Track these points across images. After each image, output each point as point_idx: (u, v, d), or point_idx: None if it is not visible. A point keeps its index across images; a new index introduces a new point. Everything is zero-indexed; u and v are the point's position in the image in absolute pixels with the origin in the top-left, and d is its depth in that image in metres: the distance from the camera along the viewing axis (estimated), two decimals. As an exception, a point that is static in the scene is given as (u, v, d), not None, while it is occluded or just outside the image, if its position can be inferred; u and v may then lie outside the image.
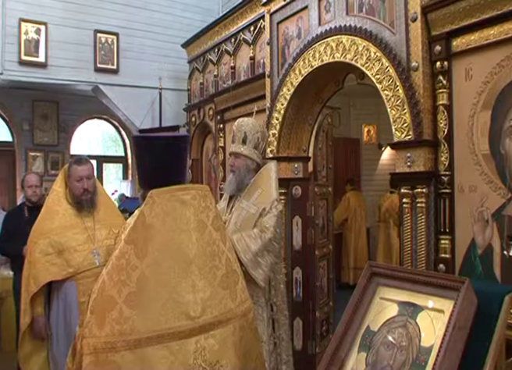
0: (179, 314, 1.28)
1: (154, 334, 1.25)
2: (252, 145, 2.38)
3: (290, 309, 3.27)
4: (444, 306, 1.26)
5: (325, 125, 3.60)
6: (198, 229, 1.36)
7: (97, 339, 1.24)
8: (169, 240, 1.31)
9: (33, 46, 5.77)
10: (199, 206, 1.37)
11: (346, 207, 6.28)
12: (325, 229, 3.67)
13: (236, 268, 1.46)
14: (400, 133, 2.29)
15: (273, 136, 3.33)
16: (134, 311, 1.25)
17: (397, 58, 2.34)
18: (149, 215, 1.30)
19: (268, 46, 3.46)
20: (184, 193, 1.36)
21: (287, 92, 3.18)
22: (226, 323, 1.36)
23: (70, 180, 2.55)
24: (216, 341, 1.32)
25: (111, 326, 1.24)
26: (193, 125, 5.69)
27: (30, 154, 7.54)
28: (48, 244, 2.42)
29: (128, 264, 1.27)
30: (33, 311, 2.44)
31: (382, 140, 6.74)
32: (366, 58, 2.50)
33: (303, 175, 3.35)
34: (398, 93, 2.31)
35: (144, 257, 1.28)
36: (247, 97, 4.19)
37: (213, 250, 1.38)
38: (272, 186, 2.31)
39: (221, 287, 1.37)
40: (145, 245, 1.29)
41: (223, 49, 4.95)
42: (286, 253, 3.31)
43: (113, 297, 1.26)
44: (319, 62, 2.88)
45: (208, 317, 1.31)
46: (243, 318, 1.42)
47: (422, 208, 2.21)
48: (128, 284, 1.26)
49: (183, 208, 1.34)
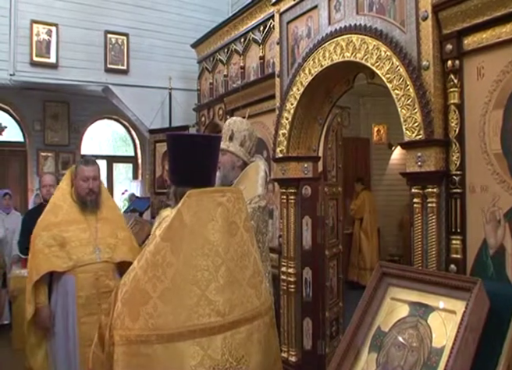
0: (211, 312, 1.32)
1: (185, 329, 1.29)
2: (238, 142, 2.38)
3: (300, 309, 3.28)
4: (456, 307, 1.25)
5: (335, 124, 3.59)
6: (231, 230, 1.41)
7: (129, 331, 1.28)
8: (203, 239, 1.36)
9: (44, 47, 5.83)
10: (233, 208, 1.43)
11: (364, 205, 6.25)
12: (335, 229, 3.67)
13: (261, 268, 1.52)
14: (411, 132, 2.28)
15: (283, 136, 3.33)
16: (168, 306, 1.29)
17: (408, 57, 2.32)
18: (186, 214, 1.35)
19: (278, 46, 3.46)
20: (220, 195, 1.42)
21: (297, 92, 3.18)
22: (252, 320, 1.42)
23: (77, 179, 2.60)
24: (242, 337, 1.38)
25: (144, 320, 1.28)
26: (202, 125, 5.71)
27: (42, 155, 7.62)
28: (51, 237, 2.47)
29: (164, 260, 1.31)
30: (37, 300, 2.47)
31: (392, 139, 6.72)
32: (376, 57, 2.49)
33: (312, 175, 3.35)
34: (409, 92, 2.29)
35: (180, 255, 1.32)
36: (257, 96, 4.20)
37: (244, 251, 1.44)
38: (257, 182, 2.29)
39: (249, 286, 1.43)
40: (181, 243, 1.33)
41: (233, 49, 4.96)
42: (296, 253, 3.31)
43: (148, 292, 1.29)
44: (329, 61, 2.87)
45: (235, 314, 1.37)
46: (266, 315, 1.49)
47: (433, 208, 2.20)
48: (163, 280, 1.30)
49: (217, 209, 1.39)
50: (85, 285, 2.46)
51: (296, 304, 3.29)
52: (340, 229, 3.76)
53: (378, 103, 6.46)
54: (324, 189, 3.43)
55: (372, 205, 6.35)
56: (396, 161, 6.78)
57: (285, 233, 3.37)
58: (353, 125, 6.45)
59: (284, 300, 3.34)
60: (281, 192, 3.44)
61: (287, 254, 3.33)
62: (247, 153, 2.43)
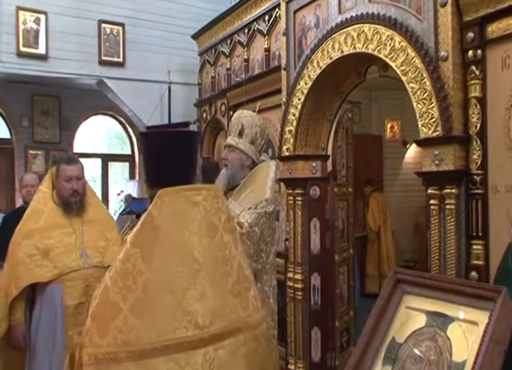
0: (188, 324, 1.26)
1: (160, 345, 1.23)
2: (249, 139, 2.34)
3: (307, 318, 3.27)
4: (478, 317, 1.24)
5: (345, 121, 3.57)
6: (209, 232, 1.35)
7: (98, 348, 1.23)
8: (178, 243, 1.30)
9: (32, 37, 5.77)
10: (211, 208, 1.36)
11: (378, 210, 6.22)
12: (346, 233, 3.65)
13: (248, 274, 1.45)
14: (427, 128, 2.26)
15: (289, 133, 3.32)
16: (140, 319, 1.24)
17: (424, 48, 2.30)
18: (157, 216, 1.30)
19: (284, 37, 3.45)
20: (195, 194, 1.35)
21: (304, 86, 3.17)
22: (237, 333, 1.34)
23: (59, 180, 2.53)
24: (226, 353, 1.31)
25: (114, 335, 1.23)
26: (204, 121, 5.71)
27: (30, 153, 7.55)
28: (32, 245, 2.40)
29: (134, 268, 1.26)
30: (11, 317, 2.38)
31: (406, 136, 6.69)
32: (390, 48, 2.47)
33: (321, 174, 3.33)
34: (425, 85, 2.27)
35: (152, 262, 1.27)
36: (262, 91, 4.18)
37: (224, 255, 1.37)
38: (266, 184, 2.25)
39: (232, 295, 1.36)
40: (152, 249, 1.28)
41: (236, 40, 4.96)
42: (303, 257, 3.30)
43: (117, 304, 1.25)
44: (339, 53, 2.86)
45: (217, 326, 1.30)
46: (256, 328, 1.41)
47: (452, 210, 2.18)
48: (134, 290, 1.25)
49: (193, 210, 1.33)
50: (73, 293, 2.40)
51: (304, 312, 3.27)
52: (351, 232, 3.75)
53: (392, 97, 6.42)
54: (333, 189, 3.42)
55: (384, 207, 6.32)
56: (411, 160, 6.76)
57: (291, 237, 3.36)
58: (364, 121, 6.44)
59: (291, 308, 3.32)
60: (287, 193, 3.43)
61: (294, 259, 3.32)
62: (257, 152, 2.39)
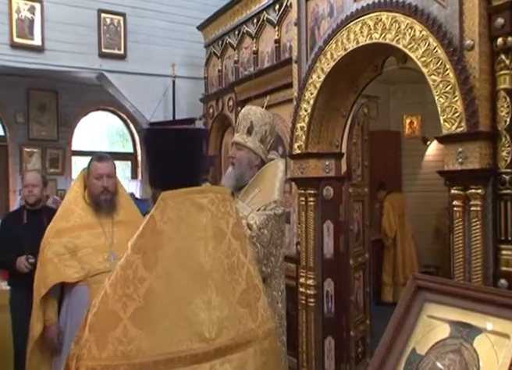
0: (192, 336, 1.25)
1: (162, 358, 1.22)
2: (258, 138, 2.36)
3: (320, 326, 3.26)
4: (508, 329, 1.21)
5: (361, 116, 3.56)
6: (216, 237, 1.33)
7: (96, 361, 1.23)
8: (183, 249, 1.29)
9: (26, 27, 5.77)
10: (217, 211, 1.35)
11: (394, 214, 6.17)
12: (361, 236, 3.65)
13: (258, 282, 1.44)
14: (450, 124, 2.24)
15: (301, 130, 3.31)
16: (141, 330, 1.23)
17: (448, 37, 2.27)
18: (160, 220, 1.29)
19: (296, 27, 3.44)
20: (201, 196, 1.34)
21: (317, 79, 3.16)
22: (246, 346, 1.33)
23: (89, 178, 2.62)
24: (233, 367, 1.30)
25: (113, 347, 1.22)
26: (210, 117, 5.72)
27: (25, 151, 7.59)
28: (61, 244, 2.50)
29: (135, 275, 1.26)
30: (45, 317, 2.49)
31: (427, 133, 6.68)
32: (410, 37, 2.45)
33: (335, 173, 3.33)
34: (448, 77, 2.25)
35: (154, 269, 1.26)
36: (272, 85, 4.19)
37: (232, 262, 1.35)
38: (274, 185, 2.27)
39: (240, 305, 1.34)
40: (155, 254, 1.27)
41: (244, 31, 4.96)
42: (316, 262, 3.29)
43: (117, 313, 1.24)
44: (354, 44, 2.85)
45: (224, 339, 1.29)
46: (265, 340, 1.40)
47: (477, 211, 2.15)
48: (134, 298, 1.24)
49: (199, 213, 1.32)
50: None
51: (317, 320, 3.27)
52: (367, 235, 3.75)
53: (411, 91, 6.40)
54: (348, 190, 3.41)
55: (401, 209, 6.27)
56: (432, 158, 6.75)
57: (303, 240, 3.35)
58: (381, 116, 6.40)
59: (303, 315, 3.32)
60: (299, 193, 3.42)
61: (306, 264, 3.32)
62: (266, 151, 2.41)
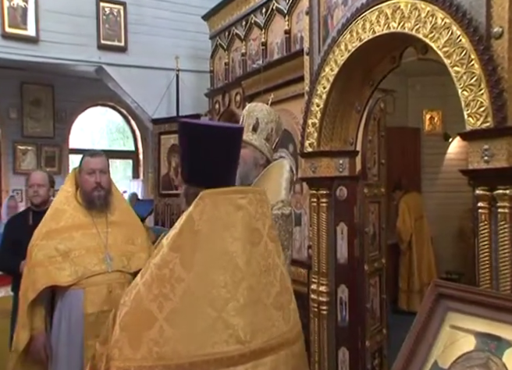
0: (228, 338, 1.30)
1: (198, 359, 1.27)
2: (264, 135, 2.40)
3: (334, 336, 3.25)
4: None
5: (377, 112, 3.55)
6: (253, 239, 1.40)
7: (129, 362, 1.27)
8: (220, 250, 1.35)
9: (19, 16, 5.75)
10: (255, 212, 1.42)
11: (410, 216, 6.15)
12: (377, 239, 3.63)
13: (289, 285, 1.52)
14: (475, 119, 2.22)
15: (313, 127, 3.30)
16: (177, 331, 1.27)
17: (473, 24, 2.25)
18: (199, 219, 1.34)
19: (307, 16, 3.43)
20: (241, 197, 1.41)
21: (330, 72, 3.15)
22: (278, 349, 1.39)
23: (81, 175, 2.64)
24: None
25: (148, 348, 1.27)
26: (216, 113, 5.73)
27: (19, 148, 7.62)
28: (52, 246, 2.49)
29: (172, 275, 1.30)
30: (32, 325, 2.47)
31: (449, 129, 6.68)
32: (431, 26, 2.43)
33: (349, 173, 3.30)
34: (473, 68, 2.23)
35: (192, 269, 1.31)
36: (282, 79, 4.20)
37: (268, 264, 1.42)
38: (281, 185, 2.31)
39: (274, 307, 1.41)
40: (193, 254, 1.32)
41: (252, 21, 4.97)
42: (329, 267, 3.28)
43: (152, 313, 1.29)
44: (370, 34, 2.83)
45: (259, 341, 1.35)
46: (295, 344, 1.47)
47: (505, 214, 2.13)
48: (171, 298, 1.29)
49: (237, 214, 1.38)
50: (95, 300, 2.46)
51: (330, 329, 3.26)
52: (383, 238, 3.73)
53: (432, 84, 6.39)
54: (363, 190, 3.39)
55: (418, 211, 6.23)
56: (455, 156, 6.75)
57: (315, 244, 3.34)
58: (399, 112, 6.41)
59: (315, 324, 3.31)
60: (310, 194, 3.41)
61: (318, 269, 3.31)
62: (272, 149, 2.45)
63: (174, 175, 5.98)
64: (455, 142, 6.67)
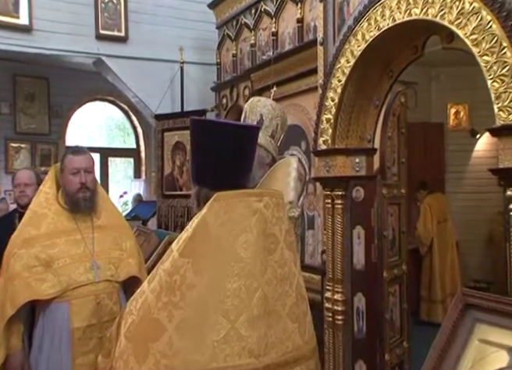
0: (241, 350, 1.32)
1: None
2: (269, 132, 2.41)
3: (350, 348, 3.24)
4: None
5: (397, 106, 3.55)
6: (269, 245, 1.41)
7: None
8: (235, 256, 1.36)
9: (11, 3, 5.75)
10: (272, 217, 1.43)
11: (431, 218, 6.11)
12: (397, 244, 3.63)
13: (305, 295, 1.53)
14: (507, 113, 2.19)
15: (327, 123, 3.30)
16: (187, 342, 1.29)
17: (505, 8, 2.22)
18: (213, 223, 1.36)
19: (321, 3, 3.42)
20: (256, 200, 1.42)
21: (346, 64, 3.14)
22: (293, 365, 1.41)
23: (64, 174, 2.55)
24: None
25: (155, 360, 1.28)
26: (223, 108, 5.74)
27: (12, 146, 7.62)
28: (32, 255, 2.41)
29: (183, 282, 1.31)
30: (8, 344, 2.39)
31: (476, 124, 6.64)
32: (457, 11, 2.41)
33: (366, 172, 3.31)
34: (504, 57, 2.20)
35: (204, 275, 1.32)
36: (294, 72, 4.20)
37: (284, 273, 1.43)
38: (289, 185, 2.30)
39: (290, 319, 1.42)
40: (205, 260, 1.34)
41: (262, 10, 4.97)
42: (345, 274, 3.27)
43: (160, 322, 1.30)
44: (390, 22, 2.81)
45: (273, 356, 1.36)
46: (311, 359, 1.48)
47: (539, 217, 2.12)
48: (181, 307, 1.30)
49: (252, 218, 1.39)
50: (82, 313, 2.40)
51: (346, 341, 3.24)
52: (404, 243, 3.72)
53: (457, 75, 6.38)
54: (381, 191, 3.38)
55: (441, 213, 6.17)
56: (483, 154, 6.71)
57: (330, 248, 3.34)
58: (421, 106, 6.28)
59: (329, 335, 3.29)
60: (324, 195, 3.40)
61: (333, 276, 3.30)
62: (277, 147, 2.47)
63: (178, 174, 6.00)
64: (483, 138, 6.62)
